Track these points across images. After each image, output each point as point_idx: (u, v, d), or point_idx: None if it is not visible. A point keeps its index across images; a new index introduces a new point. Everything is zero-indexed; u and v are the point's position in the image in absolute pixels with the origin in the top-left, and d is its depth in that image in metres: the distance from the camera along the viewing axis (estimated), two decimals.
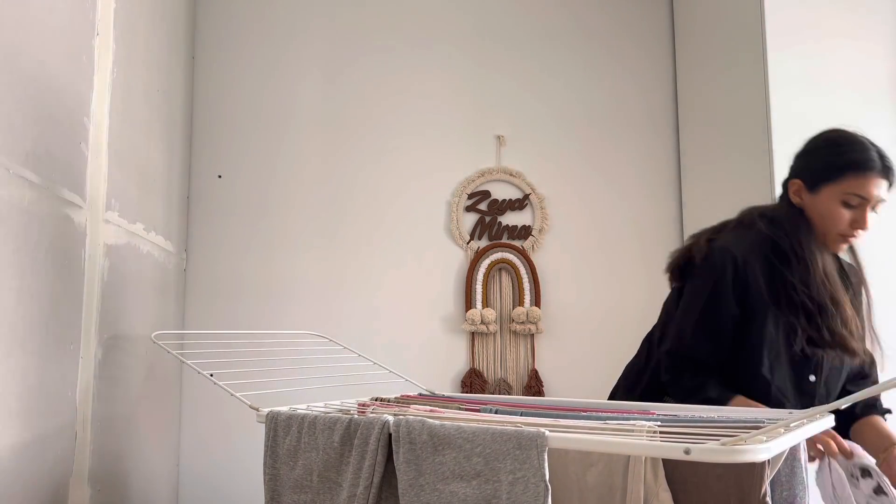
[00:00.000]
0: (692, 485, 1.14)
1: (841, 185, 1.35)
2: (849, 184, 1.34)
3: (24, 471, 1.33)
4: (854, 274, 1.52)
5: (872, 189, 1.33)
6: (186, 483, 2.52)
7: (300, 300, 2.63)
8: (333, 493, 1.18)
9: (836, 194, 1.36)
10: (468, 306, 2.64)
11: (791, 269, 1.36)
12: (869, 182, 1.33)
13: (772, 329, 1.36)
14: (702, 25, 2.68)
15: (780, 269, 1.36)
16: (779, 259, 1.37)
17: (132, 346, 1.96)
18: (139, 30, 2.02)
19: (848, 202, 1.35)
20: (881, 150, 1.36)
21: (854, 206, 1.35)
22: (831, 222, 1.37)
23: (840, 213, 1.36)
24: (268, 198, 2.68)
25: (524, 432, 0.99)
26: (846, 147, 1.37)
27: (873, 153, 1.35)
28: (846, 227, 1.37)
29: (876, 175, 1.33)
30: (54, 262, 1.45)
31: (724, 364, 1.41)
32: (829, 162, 1.38)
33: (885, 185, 1.35)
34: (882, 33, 2.28)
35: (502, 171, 2.75)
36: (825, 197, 1.37)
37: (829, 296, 1.35)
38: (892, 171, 1.36)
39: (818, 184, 1.38)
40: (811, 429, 1.05)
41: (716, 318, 1.39)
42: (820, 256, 1.37)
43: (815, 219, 1.40)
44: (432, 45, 2.81)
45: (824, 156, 1.40)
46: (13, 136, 1.28)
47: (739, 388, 1.36)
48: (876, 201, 1.35)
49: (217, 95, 2.72)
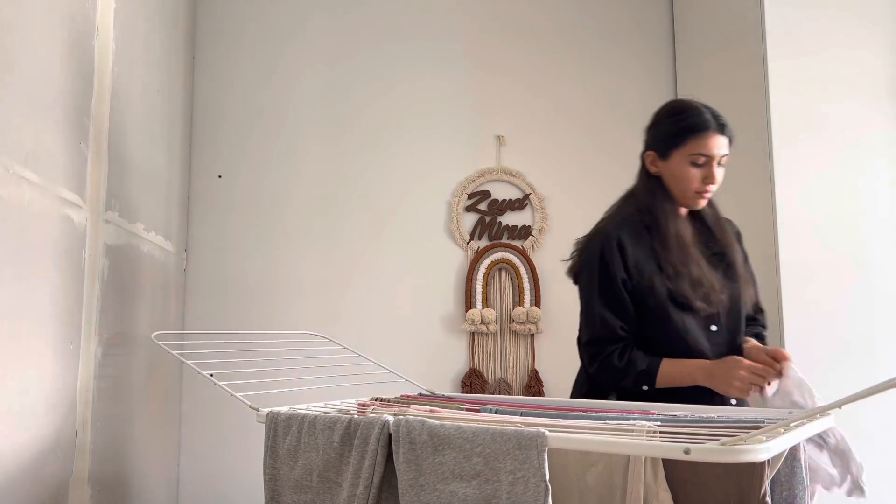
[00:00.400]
0: (692, 485, 1.14)
1: (686, 148, 1.50)
2: (692, 145, 1.50)
3: (24, 471, 1.33)
4: (730, 226, 1.66)
5: (713, 146, 1.49)
6: (186, 483, 2.52)
7: (300, 300, 2.63)
8: (333, 493, 1.18)
9: (683, 157, 1.51)
10: (468, 306, 2.65)
11: (653, 236, 1.52)
12: (709, 140, 1.49)
13: (661, 290, 1.50)
14: (702, 25, 2.68)
15: (647, 237, 1.52)
16: (645, 228, 1.54)
17: (132, 346, 1.96)
18: (139, 30, 2.02)
19: (695, 162, 1.50)
20: (714, 111, 1.52)
21: (701, 164, 1.50)
22: (685, 182, 1.52)
23: (691, 172, 1.51)
24: (268, 198, 2.68)
25: (524, 432, 0.99)
26: (684, 114, 1.53)
27: (708, 115, 1.51)
28: (699, 185, 1.51)
29: (713, 133, 1.49)
30: (54, 262, 1.45)
31: (639, 337, 1.52)
32: (672, 130, 1.53)
33: (725, 140, 1.51)
34: (882, 34, 2.27)
35: (502, 171, 2.75)
36: (675, 161, 1.52)
37: (683, 258, 1.49)
38: (726, 127, 1.52)
39: (667, 151, 1.54)
40: (811, 429, 1.05)
41: (612, 289, 1.51)
42: (674, 222, 1.53)
43: (671, 182, 1.54)
44: (432, 45, 2.81)
45: (668, 125, 1.55)
46: (13, 136, 1.28)
47: (662, 353, 1.49)
48: (719, 157, 1.51)
49: (217, 95, 2.72)
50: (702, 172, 1.51)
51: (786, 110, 2.19)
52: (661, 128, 1.57)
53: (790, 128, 2.19)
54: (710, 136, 1.49)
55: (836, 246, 2.17)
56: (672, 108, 1.58)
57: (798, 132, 2.19)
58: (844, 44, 2.24)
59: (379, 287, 2.67)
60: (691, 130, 1.50)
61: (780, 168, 2.17)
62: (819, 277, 2.14)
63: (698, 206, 1.56)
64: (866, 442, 2.07)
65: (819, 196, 2.18)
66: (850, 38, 2.25)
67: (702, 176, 1.51)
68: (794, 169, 2.17)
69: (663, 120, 1.58)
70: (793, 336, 2.10)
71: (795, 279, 2.13)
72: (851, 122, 2.22)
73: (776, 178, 2.16)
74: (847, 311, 2.14)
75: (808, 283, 2.13)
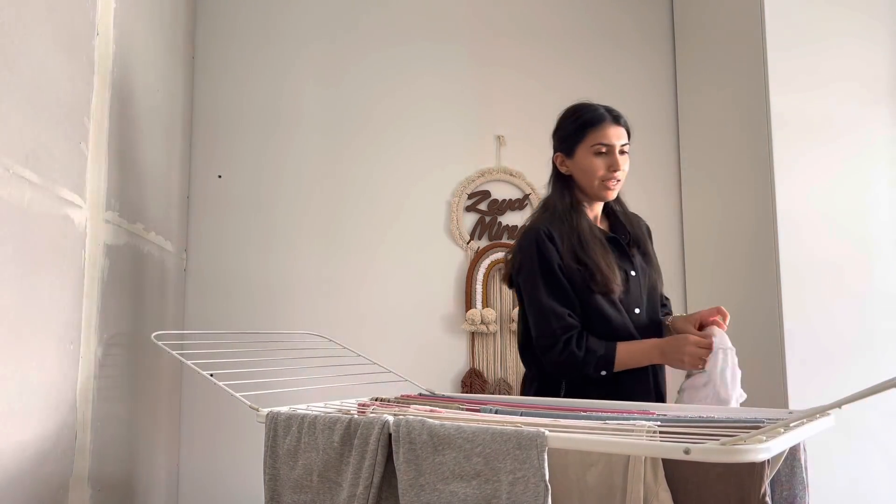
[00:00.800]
0: (692, 485, 1.15)
1: (587, 141, 1.65)
2: (592, 137, 1.64)
3: (24, 471, 1.33)
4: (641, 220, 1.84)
5: (612, 136, 1.64)
6: (186, 483, 2.52)
7: (300, 300, 2.63)
8: (333, 493, 1.18)
9: (587, 150, 1.65)
10: (468, 306, 2.65)
11: (567, 234, 1.64)
12: (606, 131, 1.64)
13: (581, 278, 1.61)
14: (702, 26, 2.68)
15: (565, 230, 1.64)
16: (561, 222, 1.66)
17: (132, 346, 1.96)
18: (139, 30, 2.02)
19: (598, 151, 1.64)
20: (608, 107, 1.68)
21: (604, 153, 1.64)
22: (592, 172, 1.65)
23: (595, 162, 1.64)
24: (268, 197, 2.68)
25: (524, 432, 0.99)
26: (580, 112, 1.69)
27: (602, 109, 1.67)
28: (605, 172, 1.65)
29: (609, 124, 1.65)
30: (54, 262, 1.45)
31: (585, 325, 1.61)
32: (573, 128, 1.68)
33: (622, 131, 1.66)
34: (882, 33, 2.27)
35: (502, 171, 2.76)
36: (580, 156, 1.66)
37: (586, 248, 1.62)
38: (620, 117, 1.67)
39: (572, 148, 1.68)
40: (811, 429, 1.05)
41: (554, 278, 1.60)
42: (580, 216, 1.66)
43: (580, 176, 1.68)
44: (432, 46, 2.81)
45: (567, 125, 1.70)
46: (13, 136, 1.28)
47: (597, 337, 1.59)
48: (619, 145, 1.65)
49: (217, 95, 2.72)
50: (605, 161, 1.64)
51: (786, 110, 2.19)
52: (563, 129, 1.72)
53: (790, 128, 2.19)
54: (606, 126, 1.64)
55: (836, 246, 2.16)
56: (569, 110, 1.73)
57: (798, 132, 2.19)
58: (845, 43, 2.24)
59: (379, 287, 2.67)
60: (589, 124, 1.65)
61: (780, 168, 2.16)
62: (819, 277, 2.14)
63: (608, 195, 1.68)
64: (866, 442, 2.08)
65: (819, 196, 2.18)
66: (851, 38, 2.25)
67: (606, 164, 1.64)
68: (794, 169, 2.17)
69: (564, 122, 1.73)
70: (793, 336, 2.10)
71: (795, 279, 2.12)
72: (852, 122, 2.22)
73: (776, 178, 2.16)
74: (847, 311, 2.14)
75: (808, 283, 2.13)
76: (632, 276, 1.67)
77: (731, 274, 2.42)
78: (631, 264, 1.69)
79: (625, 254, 1.70)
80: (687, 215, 2.77)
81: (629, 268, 1.68)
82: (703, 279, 2.64)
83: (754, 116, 2.27)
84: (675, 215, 2.80)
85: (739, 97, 2.37)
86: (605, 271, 1.59)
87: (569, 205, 1.68)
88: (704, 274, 2.62)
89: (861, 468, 2.07)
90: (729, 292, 2.42)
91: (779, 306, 2.12)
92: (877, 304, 2.16)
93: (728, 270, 2.44)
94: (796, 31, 2.23)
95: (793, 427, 0.99)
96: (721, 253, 2.49)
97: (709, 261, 2.59)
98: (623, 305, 1.63)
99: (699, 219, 2.68)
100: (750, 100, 2.30)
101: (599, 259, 1.60)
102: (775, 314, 2.13)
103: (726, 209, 2.46)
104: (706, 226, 2.62)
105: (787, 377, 2.07)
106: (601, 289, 1.59)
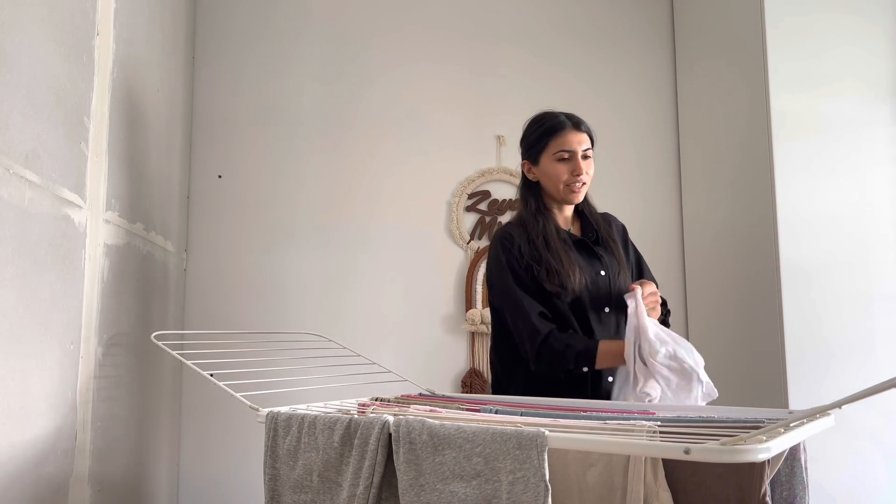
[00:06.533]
0: (692, 485, 1.15)
1: (550, 148, 1.70)
2: (554, 144, 1.70)
3: (24, 471, 1.33)
4: (614, 221, 1.87)
5: (574, 142, 1.69)
6: (186, 483, 2.52)
7: (300, 300, 2.63)
8: (333, 493, 1.18)
9: (550, 157, 1.71)
10: (468, 306, 2.64)
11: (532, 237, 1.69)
12: (568, 137, 1.69)
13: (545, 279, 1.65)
14: (702, 25, 2.68)
15: (532, 237, 1.69)
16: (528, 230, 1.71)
17: (132, 346, 1.96)
18: (139, 30, 2.02)
19: (561, 158, 1.69)
20: (568, 113, 1.74)
21: (567, 159, 1.69)
22: (556, 178, 1.70)
23: (559, 168, 1.70)
24: (268, 197, 2.68)
25: (524, 432, 0.99)
26: (542, 121, 1.74)
27: (562, 117, 1.73)
28: (569, 177, 1.70)
29: (571, 130, 1.70)
30: (54, 262, 1.45)
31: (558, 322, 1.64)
32: (536, 136, 1.74)
33: (584, 136, 1.71)
34: (882, 33, 2.27)
35: (502, 171, 2.76)
36: (545, 162, 1.72)
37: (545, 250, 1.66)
38: (582, 123, 1.72)
39: (537, 156, 1.74)
40: (811, 429, 1.05)
41: (522, 277, 1.65)
42: (543, 219, 1.71)
43: (546, 182, 1.73)
44: (432, 45, 2.81)
45: (531, 134, 1.76)
46: (13, 136, 1.28)
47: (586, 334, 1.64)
48: (581, 150, 1.70)
49: (217, 95, 2.72)
50: (568, 167, 1.69)
51: (786, 110, 2.19)
52: (528, 138, 1.77)
53: (790, 127, 2.19)
54: (567, 133, 1.69)
55: (836, 245, 2.16)
56: (533, 120, 1.78)
57: (798, 132, 2.19)
58: (844, 43, 2.24)
59: (379, 287, 2.67)
60: (551, 132, 1.70)
61: (780, 168, 2.17)
62: (819, 277, 2.14)
63: (574, 199, 1.73)
64: (866, 442, 2.08)
65: (819, 196, 2.18)
66: (851, 38, 2.25)
67: (569, 169, 1.69)
68: (794, 169, 2.17)
69: (528, 131, 1.78)
70: (793, 336, 2.10)
71: (795, 279, 2.13)
72: (852, 122, 2.22)
73: (776, 177, 2.16)
74: (847, 311, 2.14)
75: (808, 282, 2.13)
76: (600, 276, 1.69)
77: (731, 274, 2.42)
78: (600, 264, 1.72)
79: (594, 254, 1.72)
80: (687, 215, 2.77)
81: (598, 268, 1.71)
82: (703, 279, 2.64)
83: (754, 116, 2.27)
84: (675, 215, 2.80)
85: (739, 97, 2.37)
86: (560, 269, 1.63)
87: (535, 209, 1.73)
88: (704, 274, 2.62)
89: (861, 468, 2.07)
90: (729, 292, 2.42)
91: (779, 306, 2.12)
92: (877, 304, 2.16)
93: (728, 271, 2.44)
94: (796, 31, 2.23)
95: (793, 427, 0.99)
96: (721, 253, 2.49)
97: (709, 261, 2.59)
98: (591, 305, 1.66)
99: (699, 219, 2.68)
100: (750, 100, 2.30)
101: (559, 258, 1.64)
102: (775, 314, 2.13)
103: (726, 209, 2.46)
104: (706, 226, 2.62)
105: (787, 377, 2.08)
106: (555, 287, 1.62)
